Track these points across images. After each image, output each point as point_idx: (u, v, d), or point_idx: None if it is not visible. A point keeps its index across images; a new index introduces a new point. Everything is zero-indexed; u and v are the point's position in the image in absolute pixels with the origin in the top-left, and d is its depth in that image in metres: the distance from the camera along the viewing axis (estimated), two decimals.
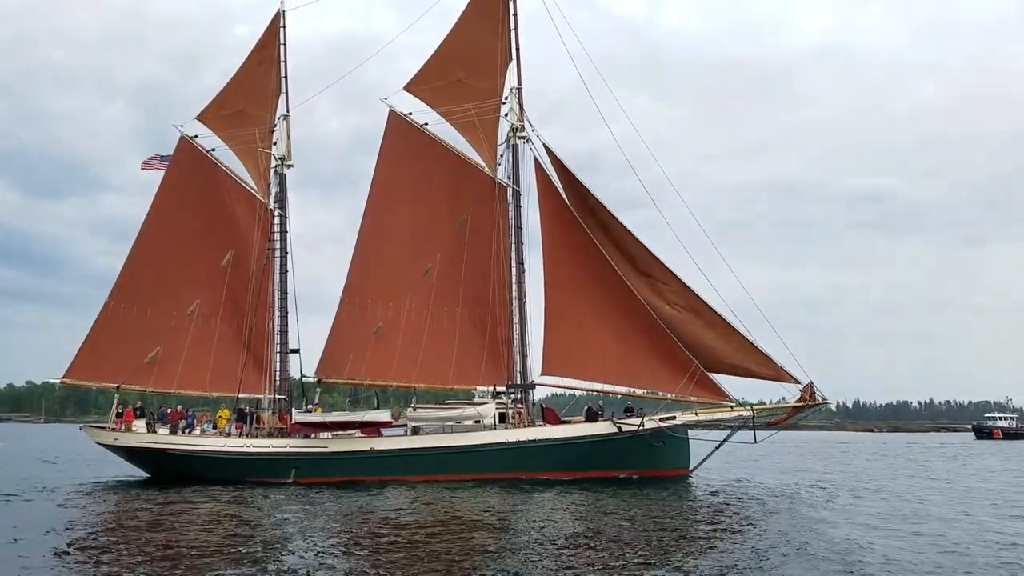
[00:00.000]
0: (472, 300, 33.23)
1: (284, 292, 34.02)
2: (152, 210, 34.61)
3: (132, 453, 32.25)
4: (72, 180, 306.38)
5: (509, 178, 34.04)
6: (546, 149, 33.57)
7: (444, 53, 34.39)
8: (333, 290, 34.31)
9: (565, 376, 32.68)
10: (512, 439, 30.56)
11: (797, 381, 31.69)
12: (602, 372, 32.23)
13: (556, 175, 33.53)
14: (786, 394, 33.19)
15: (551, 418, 32.77)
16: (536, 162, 33.64)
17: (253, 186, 34.50)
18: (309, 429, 31.37)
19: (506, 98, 34.20)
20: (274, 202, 34.53)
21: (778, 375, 32.00)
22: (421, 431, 31.47)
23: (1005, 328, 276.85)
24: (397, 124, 34.67)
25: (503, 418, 31.90)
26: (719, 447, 32.43)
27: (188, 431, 32.19)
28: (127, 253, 34.61)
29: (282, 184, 34.87)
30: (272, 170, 34.80)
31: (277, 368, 33.62)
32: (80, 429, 34.69)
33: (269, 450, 30.83)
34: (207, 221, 34.26)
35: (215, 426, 32.61)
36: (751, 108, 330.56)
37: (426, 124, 34.43)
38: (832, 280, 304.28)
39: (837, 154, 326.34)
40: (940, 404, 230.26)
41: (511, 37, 34.10)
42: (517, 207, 33.88)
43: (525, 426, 31.80)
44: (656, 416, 31.33)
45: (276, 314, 33.81)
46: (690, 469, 32.29)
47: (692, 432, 32.37)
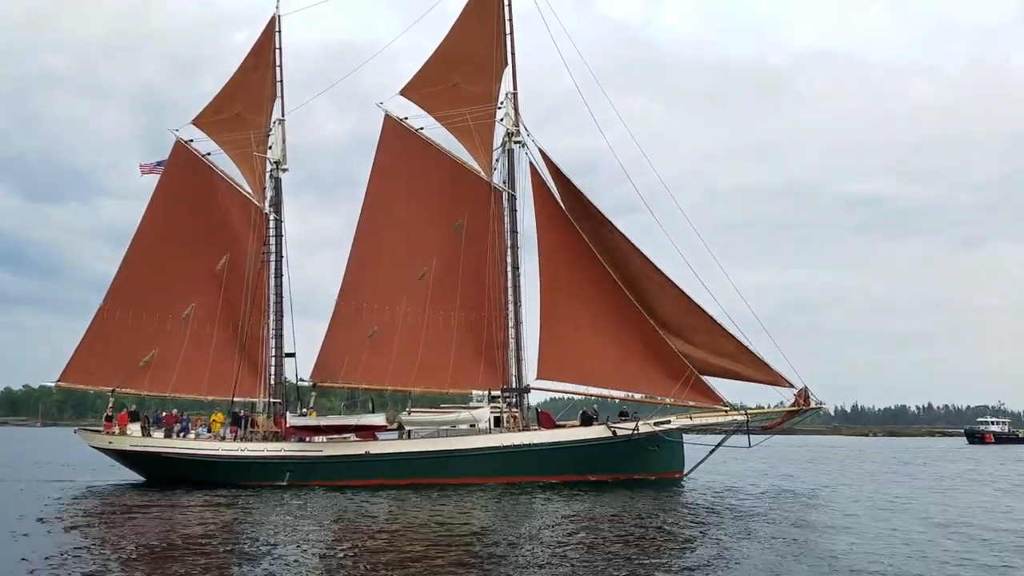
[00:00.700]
0: (468, 304, 33.29)
1: (279, 296, 34.03)
2: (147, 214, 34.60)
3: (126, 456, 32.21)
4: (72, 185, 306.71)
5: (505, 182, 34.14)
6: (541, 153, 33.73)
7: (440, 58, 34.48)
8: (331, 294, 34.36)
9: (560, 380, 32.79)
10: (507, 443, 30.58)
11: (791, 385, 31.80)
12: (597, 376, 32.35)
13: (552, 179, 33.65)
14: (783, 399, 33.17)
15: (546, 422, 32.80)
16: (532, 166, 33.82)
17: (248, 190, 34.53)
18: (304, 433, 31.36)
19: (502, 103, 34.32)
20: (269, 206, 34.56)
21: (773, 379, 32.11)
22: (416, 435, 31.48)
23: (1005, 330, 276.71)
24: (393, 128, 34.74)
25: (498, 422, 31.91)
26: (714, 451, 32.50)
27: (183, 435, 32.15)
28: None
29: (277, 188, 34.88)
30: (267, 174, 34.80)
31: (272, 372, 33.59)
32: (75, 432, 34.66)
33: (263, 454, 30.80)
34: (202, 225, 34.24)
35: (210, 430, 32.59)
36: (750, 110, 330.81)
37: (422, 128, 34.51)
38: (831, 282, 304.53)
39: (836, 155, 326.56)
40: (939, 408, 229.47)
41: (507, 42, 34.22)
42: (513, 211, 34.00)
43: (520, 430, 31.83)
44: (651, 420, 31.39)
45: (271, 318, 33.81)
46: (684, 473, 32.34)
47: (687, 436, 32.39)
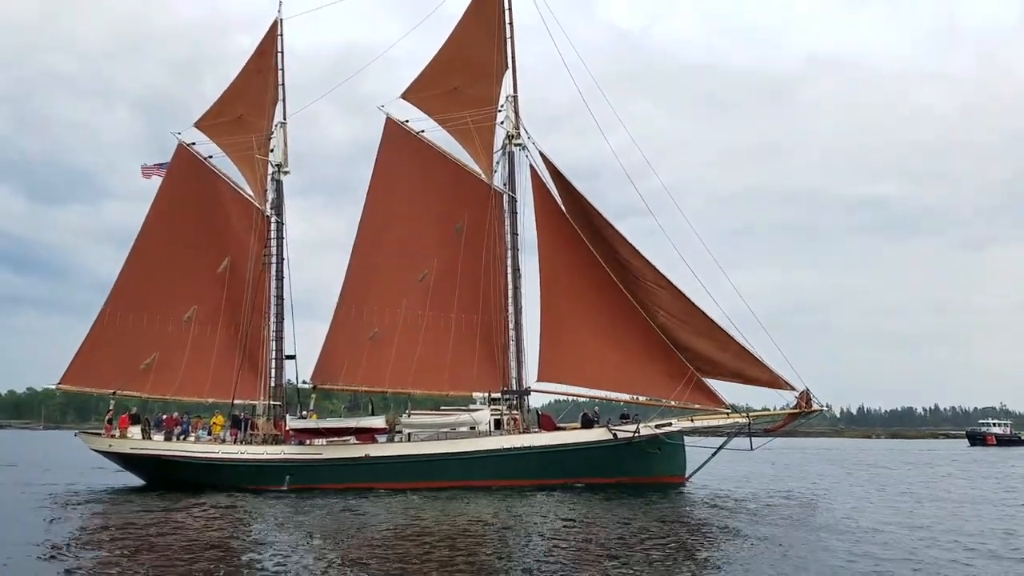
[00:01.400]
0: (468, 306, 33.26)
1: (280, 298, 34.06)
2: (149, 217, 34.64)
3: (127, 459, 32.23)
4: (76, 187, 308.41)
5: (505, 185, 34.13)
6: (542, 156, 33.70)
7: (441, 61, 34.51)
8: (337, 296, 34.32)
9: (561, 382, 32.70)
10: (507, 446, 30.54)
11: (793, 388, 31.65)
12: (598, 378, 32.23)
13: (552, 182, 33.61)
14: (785, 401, 33.01)
15: (546, 424, 32.73)
16: (532, 169, 33.77)
17: (250, 193, 34.58)
18: (303, 436, 31.34)
19: (502, 106, 34.33)
20: (271, 208, 34.61)
21: (774, 382, 31.96)
22: (415, 437, 31.46)
23: (1010, 331, 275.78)
24: (394, 131, 34.79)
25: (498, 424, 31.89)
26: (715, 454, 32.37)
27: (183, 437, 32.18)
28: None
29: (279, 190, 34.93)
30: (269, 176, 34.87)
31: (272, 374, 33.61)
32: (75, 435, 34.70)
33: (263, 457, 30.81)
34: (204, 228, 34.28)
35: (210, 432, 32.60)
36: (753, 114, 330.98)
37: (423, 131, 34.54)
38: (835, 284, 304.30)
39: (839, 158, 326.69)
40: (945, 410, 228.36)
41: (507, 45, 34.23)
42: (513, 213, 33.95)
43: (520, 432, 31.79)
44: (652, 423, 31.32)
45: (272, 320, 33.83)
46: (686, 476, 32.22)
47: (688, 439, 32.30)
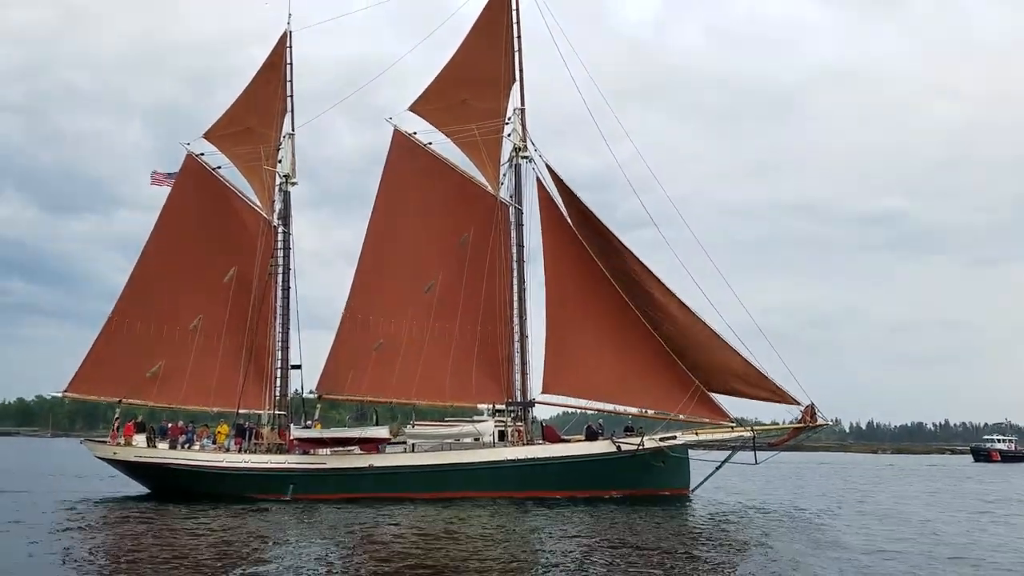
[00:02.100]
0: (473, 317, 33.31)
1: (286, 308, 34.21)
2: (158, 226, 34.87)
3: (131, 468, 32.35)
4: (89, 198, 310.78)
5: (511, 197, 34.26)
6: (548, 169, 33.87)
7: (449, 74, 34.72)
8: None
9: (565, 394, 32.72)
10: (510, 457, 30.53)
11: (797, 402, 31.60)
12: (602, 391, 32.25)
13: (558, 194, 33.75)
14: (790, 415, 32.89)
15: (551, 436, 32.73)
16: (538, 181, 33.93)
17: (257, 203, 34.80)
18: (308, 445, 31.39)
19: (509, 118, 34.53)
20: (278, 219, 34.81)
21: (779, 396, 31.91)
22: (419, 448, 31.48)
23: (1021, 347, 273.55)
24: (401, 143, 34.96)
25: (502, 436, 31.88)
26: (720, 467, 32.28)
27: (187, 446, 32.28)
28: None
29: (286, 201, 35.16)
30: (277, 187, 35.08)
31: (278, 384, 33.71)
32: (81, 443, 34.85)
33: (267, 466, 30.86)
34: (211, 237, 34.48)
35: (215, 441, 32.68)
36: (764, 126, 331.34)
37: (430, 143, 34.72)
38: (847, 300, 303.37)
39: (850, 174, 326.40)
40: (956, 426, 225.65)
41: (515, 58, 34.42)
42: (519, 226, 34.08)
43: (524, 444, 31.79)
44: (656, 436, 31.29)
45: (278, 330, 33.95)
46: (691, 489, 32.15)
47: (693, 452, 32.24)
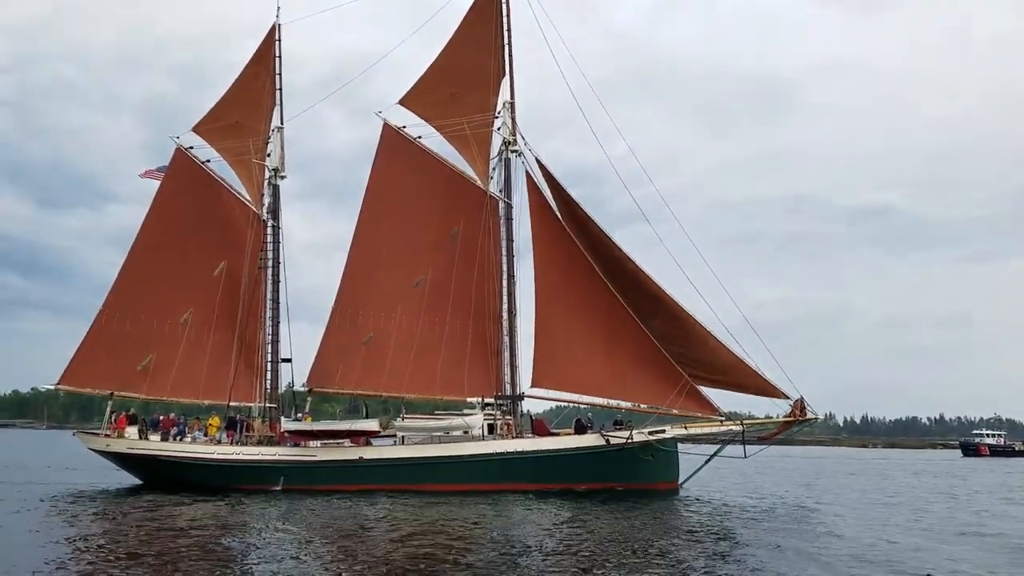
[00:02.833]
0: (463, 312, 33.45)
1: (276, 301, 34.34)
2: (147, 220, 34.97)
3: (124, 459, 32.50)
4: (81, 193, 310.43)
5: (501, 191, 34.34)
6: (538, 163, 33.92)
7: (439, 68, 34.72)
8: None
9: (554, 388, 32.75)
10: (499, 450, 30.71)
11: (787, 397, 31.74)
12: (591, 385, 32.32)
13: (548, 188, 33.81)
14: (780, 409, 33.07)
15: (540, 430, 32.90)
16: (528, 176, 33.96)
17: (247, 197, 34.92)
18: (298, 438, 31.57)
19: (499, 112, 34.54)
20: (267, 212, 34.90)
21: (768, 390, 32.04)
22: (409, 441, 31.65)
23: (1019, 343, 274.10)
24: (391, 137, 35.01)
25: (491, 429, 32.05)
26: (708, 461, 32.47)
27: (179, 438, 32.44)
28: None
29: (275, 195, 35.27)
30: (266, 181, 35.17)
31: (268, 377, 33.85)
32: (73, 435, 34.99)
33: (258, 458, 31.03)
34: (201, 231, 34.60)
35: (206, 434, 32.85)
36: (757, 120, 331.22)
37: (420, 137, 34.78)
38: (841, 294, 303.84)
39: (843, 168, 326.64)
40: (951, 420, 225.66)
41: (505, 52, 34.43)
42: (509, 220, 34.16)
43: (513, 437, 31.95)
44: (645, 429, 31.44)
45: (268, 324, 34.10)
46: (679, 483, 32.33)
47: (682, 446, 32.41)
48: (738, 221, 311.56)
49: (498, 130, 34.54)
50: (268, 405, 33.55)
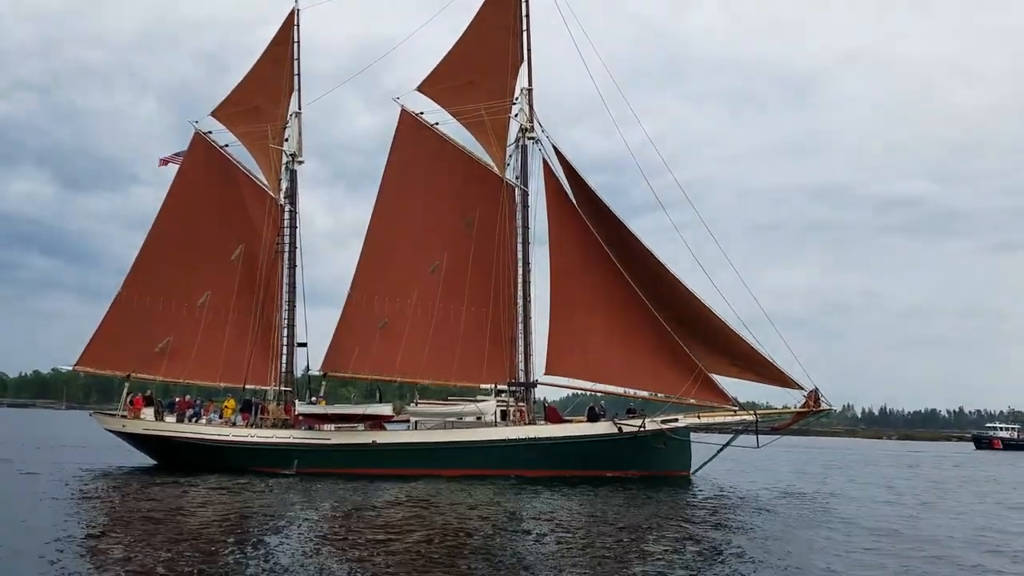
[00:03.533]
0: (478, 298, 33.49)
1: (292, 286, 34.57)
2: (166, 203, 35.33)
3: (139, 440, 32.89)
4: (105, 176, 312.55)
5: (517, 178, 34.30)
6: (555, 150, 33.84)
7: (457, 54, 34.67)
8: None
9: (568, 376, 32.81)
10: (512, 436, 30.80)
11: (801, 387, 31.66)
12: (605, 373, 32.33)
13: (564, 176, 33.74)
14: (794, 399, 32.88)
15: (553, 417, 32.98)
16: (544, 163, 33.92)
17: (264, 181, 35.09)
18: (312, 421, 31.80)
19: (516, 99, 34.46)
20: (285, 197, 35.10)
21: (782, 380, 31.99)
22: (422, 426, 31.82)
23: None
24: (409, 123, 35.04)
25: (504, 415, 32.14)
26: (721, 451, 32.45)
27: (194, 420, 32.78)
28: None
29: (293, 180, 35.46)
30: (284, 166, 35.37)
31: (283, 360, 34.11)
32: (90, 416, 35.43)
33: (272, 440, 31.30)
34: (219, 215, 34.89)
35: (221, 416, 33.17)
36: (782, 108, 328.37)
37: (437, 124, 34.77)
38: (865, 285, 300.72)
39: (869, 158, 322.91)
40: (970, 413, 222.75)
41: (523, 38, 34.33)
42: (525, 207, 34.16)
43: (526, 424, 32.03)
44: (657, 418, 31.43)
45: (284, 308, 34.34)
46: (691, 472, 32.33)
47: (695, 435, 32.37)
48: (764, 209, 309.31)
49: (515, 117, 34.45)
50: (283, 388, 33.80)
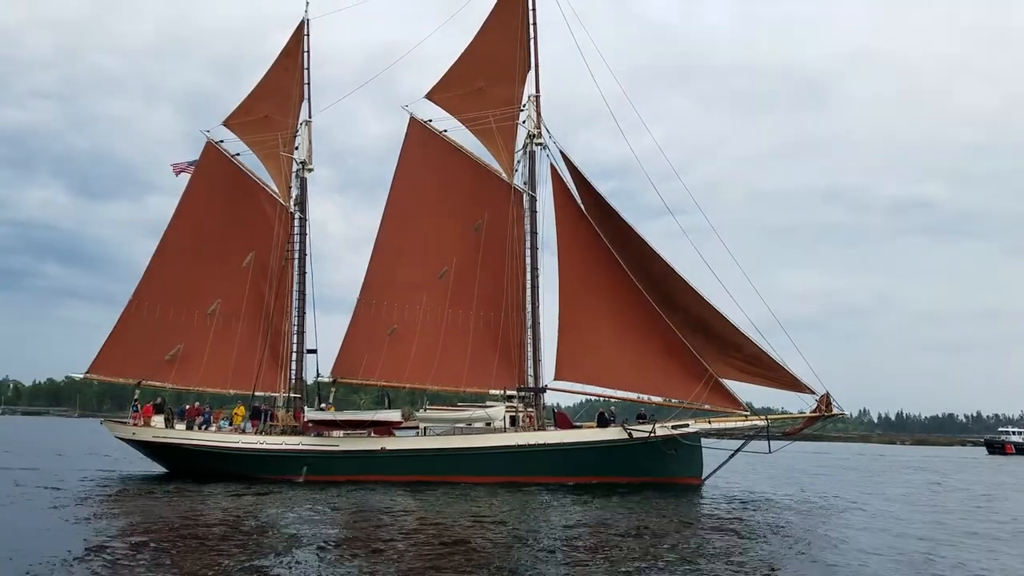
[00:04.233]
0: (486, 304, 33.56)
1: (302, 293, 34.71)
2: (177, 211, 35.54)
3: (149, 447, 32.99)
4: (121, 183, 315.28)
5: (525, 184, 34.36)
6: (562, 156, 33.91)
7: (465, 61, 34.85)
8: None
9: (577, 381, 32.78)
10: (521, 442, 30.75)
11: (812, 392, 31.46)
12: (614, 378, 32.28)
13: (572, 181, 33.80)
14: (806, 404, 32.67)
15: (562, 422, 32.91)
16: (552, 168, 33.98)
17: (275, 189, 35.33)
18: (321, 427, 31.84)
19: (524, 105, 34.59)
20: (295, 205, 35.28)
21: (794, 384, 31.80)
22: (431, 432, 31.81)
23: None
24: (417, 130, 35.21)
25: (513, 421, 32.09)
26: (733, 456, 32.29)
27: (204, 427, 32.88)
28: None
29: (303, 187, 35.67)
30: (294, 174, 35.60)
31: (293, 367, 34.19)
32: (101, 423, 35.60)
33: (281, 447, 31.34)
34: (230, 223, 35.10)
35: (231, 423, 33.26)
36: (794, 111, 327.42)
37: (445, 131, 34.93)
38: (880, 288, 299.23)
39: (883, 160, 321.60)
40: (988, 418, 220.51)
41: (530, 45, 34.45)
42: (533, 212, 34.17)
43: (535, 430, 31.99)
44: (668, 423, 31.30)
45: (294, 315, 34.49)
46: (703, 478, 32.16)
47: (706, 441, 32.24)
48: (777, 211, 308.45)
49: (523, 123, 34.58)
50: (293, 395, 33.89)
